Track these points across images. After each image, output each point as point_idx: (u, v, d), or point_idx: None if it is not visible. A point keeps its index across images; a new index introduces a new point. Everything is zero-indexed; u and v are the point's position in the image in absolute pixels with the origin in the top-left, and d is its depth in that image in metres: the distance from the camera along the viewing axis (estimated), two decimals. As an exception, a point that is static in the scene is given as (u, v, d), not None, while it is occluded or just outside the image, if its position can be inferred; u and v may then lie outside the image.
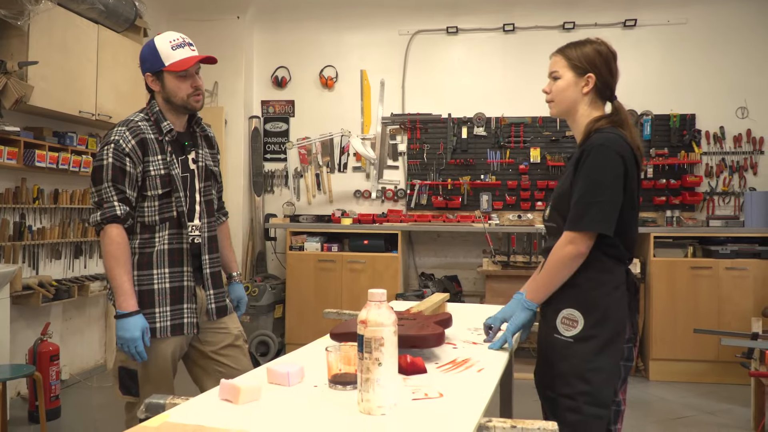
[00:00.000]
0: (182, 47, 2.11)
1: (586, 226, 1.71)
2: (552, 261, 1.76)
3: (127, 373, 2.15)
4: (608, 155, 1.71)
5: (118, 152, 2.06)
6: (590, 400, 1.70)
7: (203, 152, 2.28)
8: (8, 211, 3.84)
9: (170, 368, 2.19)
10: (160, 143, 2.14)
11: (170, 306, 2.14)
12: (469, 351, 1.83)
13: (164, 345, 2.14)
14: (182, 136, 2.22)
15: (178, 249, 2.16)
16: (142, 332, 2.04)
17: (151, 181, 2.11)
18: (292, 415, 1.27)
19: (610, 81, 1.84)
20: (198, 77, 2.17)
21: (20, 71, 3.51)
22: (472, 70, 5.65)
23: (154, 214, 2.13)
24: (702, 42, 5.32)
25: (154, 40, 2.13)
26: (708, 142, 5.29)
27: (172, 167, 2.15)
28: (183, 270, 2.17)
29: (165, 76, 2.12)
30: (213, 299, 2.27)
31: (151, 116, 2.16)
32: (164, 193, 2.13)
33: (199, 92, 2.16)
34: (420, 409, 1.30)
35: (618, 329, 1.73)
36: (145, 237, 2.13)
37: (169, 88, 2.13)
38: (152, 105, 2.18)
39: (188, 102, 2.15)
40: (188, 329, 2.18)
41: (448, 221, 5.34)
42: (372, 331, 1.25)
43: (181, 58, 2.10)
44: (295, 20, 5.89)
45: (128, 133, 2.09)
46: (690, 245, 4.77)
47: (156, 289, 2.13)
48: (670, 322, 4.65)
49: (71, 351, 4.49)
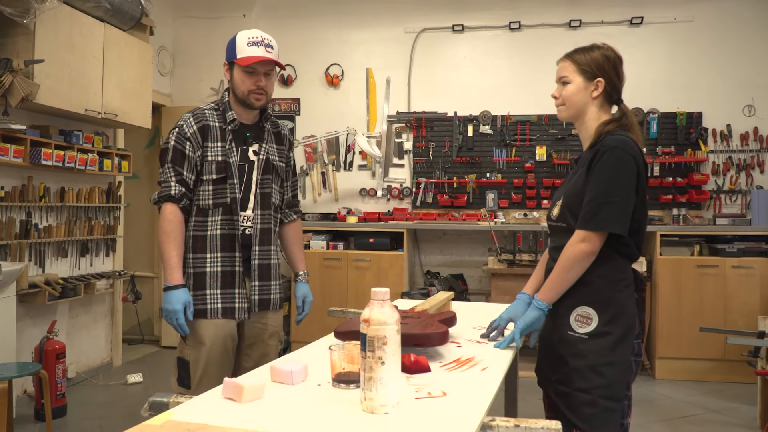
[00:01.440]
0: (257, 46, 2.18)
1: (601, 226, 1.73)
2: (564, 259, 1.78)
3: (183, 363, 2.21)
4: (623, 157, 1.74)
5: (181, 136, 2.20)
6: (606, 394, 1.73)
7: (268, 146, 2.33)
8: (15, 209, 3.86)
9: (221, 353, 2.20)
10: (222, 131, 2.24)
11: (221, 289, 2.21)
12: (473, 350, 1.82)
13: (214, 325, 2.19)
14: (247, 128, 2.30)
15: (230, 235, 2.22)
16: (184, 306, 2.12)
17: (207, 166, 2.20)
18: (295, 414, 1.27)
19: (618, 85, 1.88)
20: (265, 78, 2.22)
21: (26, 69, 3.51)
22: (478, 67, 5.63)
23: (208, 198, 2.22)
24: (709, 39, 5.29)
25: (238, 34, 2.22)
26: (715, 140, 5.27)
27: (230, 155, 2.23)
28: (234, 256, 2.23)
29: (235, 68, 2.22)
30: (257, 291, 2.29)
31: (220, 106, 2.28)
32: (219, 179, 2.20)
33: (261, 92, 2.22)
34: (423, 408, 1.30)
35: (630, 325, 1.77)
36: (199, 220, 2.22)
37: (235, 80, 2.22)
38: (223, 96, 2.30)
39: (248, 97, 2.22)
40: (239, 314, 2.23)
41: (453, 219, 5.33)
42: (375, 329, 1.25)
43: (250, 55, 2.17)
44: (300, 18, 5.89)
45: (192, 119, 2.22)
46: (696, 243, 4.75)
47: (208, 271, 2.21)
48: (676, 321, 4.63)
49: (77, 349, 4.51)
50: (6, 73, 3.40)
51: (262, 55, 2.18)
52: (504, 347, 1.82)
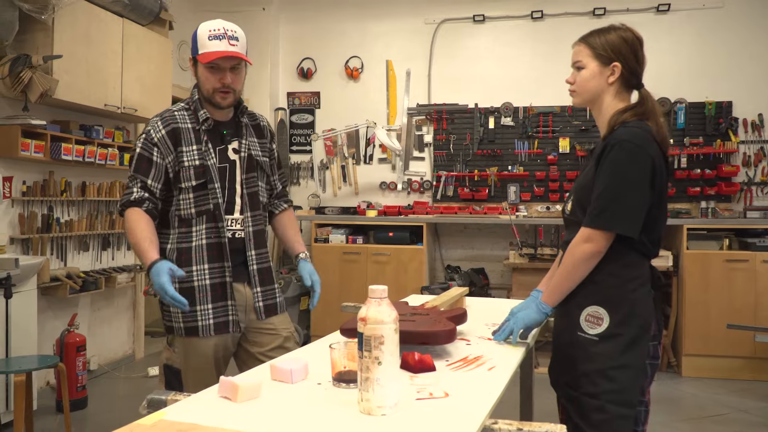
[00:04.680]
0: (219, 39, 1.99)
1: (607, 225, 1.64)
2: (568, 260, 1.70)
3: (172, 371, 2.10)
4: (633, 152, 1.63)
5: (147, 142, 2.05)
6: (615, 399, 1.64)
7: (248, 142, 2.17)
8: (36, 203, 3.91)
9: (213, 368, 2.09)
10: (196, 132, 2.07)
11: (212, 303, 2.06)
12: (482, 348, 1.77)
13: (206, 343, 2.06)
14: (223, 125, 2.13)
15: (217, 244, 2.07)
16: (168, 275, 1.89)
17: (184, 173, 2.04)
18: (290, 414, 1.24)
19: (637, 69, 1.76)
20: (232, 74, 2.04)
21: (45, 65, 3.54)
22: (500, 58, 5.54)
23: (189, 207, 2.06)
24: (739, 26, 5.11)
25: (199, 26, 2.04)
26: (746, 131, 5.10)
27: (207, 158, 2.06)
28: (223, 265, 2.08)
29: (198, 64, 2.05)
30: (261, 297, 2.16)
31: (191, 105, 2.11)
32: (199, 185, 2.05)
33: (227, 89, 2.04)
34: (423, 410, 1.25)
35: (644, 326, 1.67)
36: (182, 231, 2.07)
37: (199, 78, 2.06)
38: (193, 94, 2.12)
39: (213, 96, 2.05)
40: (233, 327, 2.09)
41: (474, 213, 5.26)
42: (371, 328, 1.21)
43: (211, 50, 1.99)
44: (320, 11, 5.86)
45: (160, 122, 2.06)
46: (726, 237, 4.61)
47: (196, 286, 2.06)
48: (703, 317, 4.50)
49: (99, 341, 4.56)
50: (25, 69, 3.43)
51: (224, 50, 1.98)
52: (502, 339, 1.79)
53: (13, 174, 3.74)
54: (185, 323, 2.06)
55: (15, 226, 3.78)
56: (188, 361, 2.09)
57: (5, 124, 3.58)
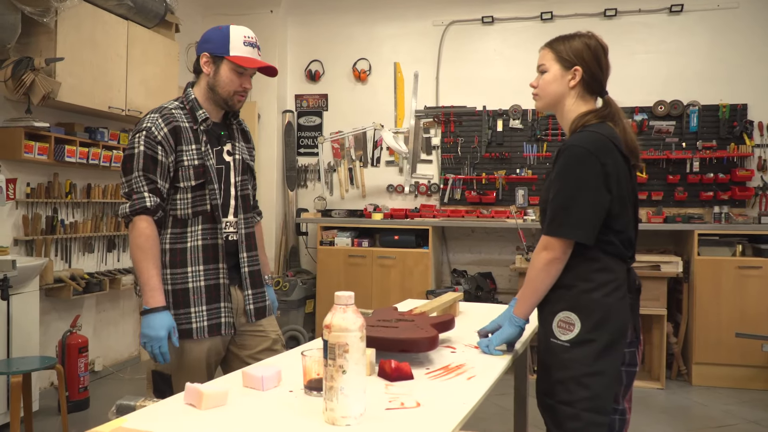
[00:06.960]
0: (252, 47, 2.07)
1: (558, 232, 1.63)
2: (530, 269, 1.70)
3: (161, 377, 2.06)
4: (580, 156, 1.63)
5: (150, 140, 1.97)
6: (589, 406, 1.60)
7: (240, 145, 2.19)
8: (41, 205, 3.93)
9: (205, 372, 2.08)
10: (194, 132, 2.05)
11: (206, 305, 2.03)
12: (467, 356, 1.73)
13: (199, 347, 2.04)
14: (218, 127, 2.14)
15: (213, 245, 2.05)
16: (168, 331, 1.92)
17: (184, 172, 2.01)
18: (254, 422, 1.21)
19: (599, 75, 1.76)
20: (250, 81, 2.11)
21: (48, 68, 3.56)
22: (509, 60, 5.47)
23: (186, 207, 2.03)
24: (755, 26, 4.99)
25: (230, 28, 2.06)
26: (761, 134, 4.97)
27: (206, 158, 2.05)
28: (218, 267, 2.05)
29: (223, 64, 2.04)
30: (251, 300, 2.15)
31: (186, 104, 2.08)
32: (197, 185, 2.03)
33: (244, 94, 2.10)
34: (390, 421, 1.21)
35: (619, 332, 1.63)
36: (177, 231, 2.03)
37: (222, 77, 2.05)
38: (188, 93, 2.10)
39: (231, 98, 2.07)
40: (225, 329, 2.07)
41: (481, 217, 5.20)
42: (336, 336, 1.17)
43: (247, 56, 2.05)
44: (328, 13, 5.84)
45: (161, 120, 2.00)
46: (738, 243, 4.50)
47: (191, 287, 2.02)
48: (714, 324, 4.39)
49: (104, 343, 4.58)
50: (27, 71, 3.45)
51: (263, 62, 2.07)
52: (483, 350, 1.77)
53: (17, 176, 3.76)
54: (179, 326, 2.02)
55: (19, 228, 3.80)
56: (180, 364, 2.06)
57: (8, 127, 3.60)
